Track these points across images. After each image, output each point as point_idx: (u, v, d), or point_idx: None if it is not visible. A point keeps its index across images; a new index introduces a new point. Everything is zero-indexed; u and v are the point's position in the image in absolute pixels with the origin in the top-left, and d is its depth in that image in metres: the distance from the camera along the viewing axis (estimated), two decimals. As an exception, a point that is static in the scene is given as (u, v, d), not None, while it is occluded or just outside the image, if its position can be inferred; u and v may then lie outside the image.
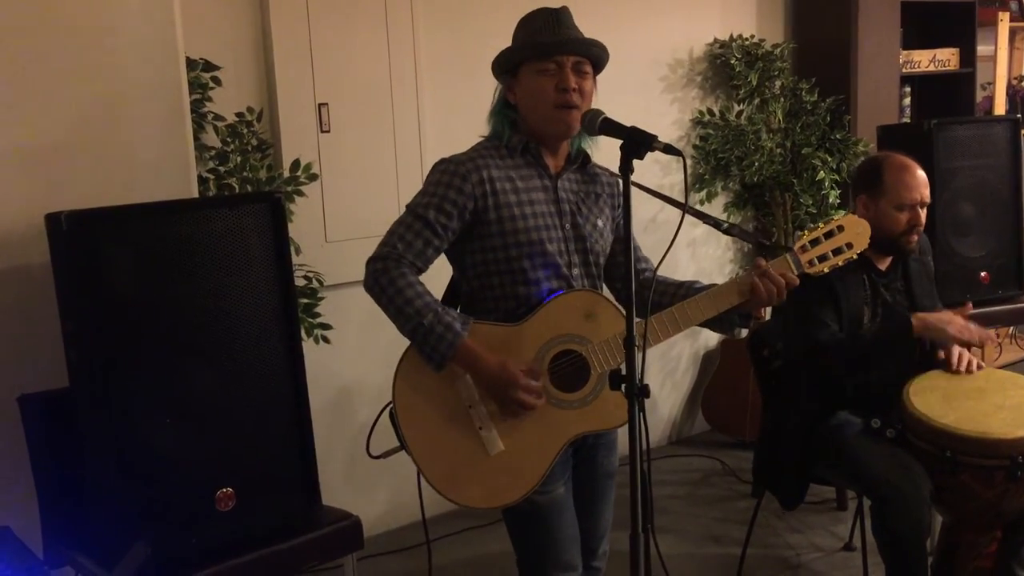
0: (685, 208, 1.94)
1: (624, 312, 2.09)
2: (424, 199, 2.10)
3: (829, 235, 2.22)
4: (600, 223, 2.23)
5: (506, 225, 2.10)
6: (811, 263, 2.20)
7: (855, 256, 2.24)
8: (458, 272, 2.24)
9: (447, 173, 2.11)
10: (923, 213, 2.79)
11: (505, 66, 2.17)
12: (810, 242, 2.21)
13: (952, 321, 2.67)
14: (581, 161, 2.24)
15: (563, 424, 2.11)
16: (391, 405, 2.09)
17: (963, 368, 2.73)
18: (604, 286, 2.29)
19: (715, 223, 2.30)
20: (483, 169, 2.11)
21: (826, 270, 2.22)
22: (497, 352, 2.07)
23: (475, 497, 2.10)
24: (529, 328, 2.10)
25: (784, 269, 2.16)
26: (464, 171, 2.10)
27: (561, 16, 2.13)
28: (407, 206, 2.13)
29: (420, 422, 2.08)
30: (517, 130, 2.17)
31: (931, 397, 2.61)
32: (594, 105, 2.12)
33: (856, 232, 2.24)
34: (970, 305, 2.77)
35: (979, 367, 2.75)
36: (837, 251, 2.22)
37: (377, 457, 2.18)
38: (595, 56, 2.14)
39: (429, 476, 2.08)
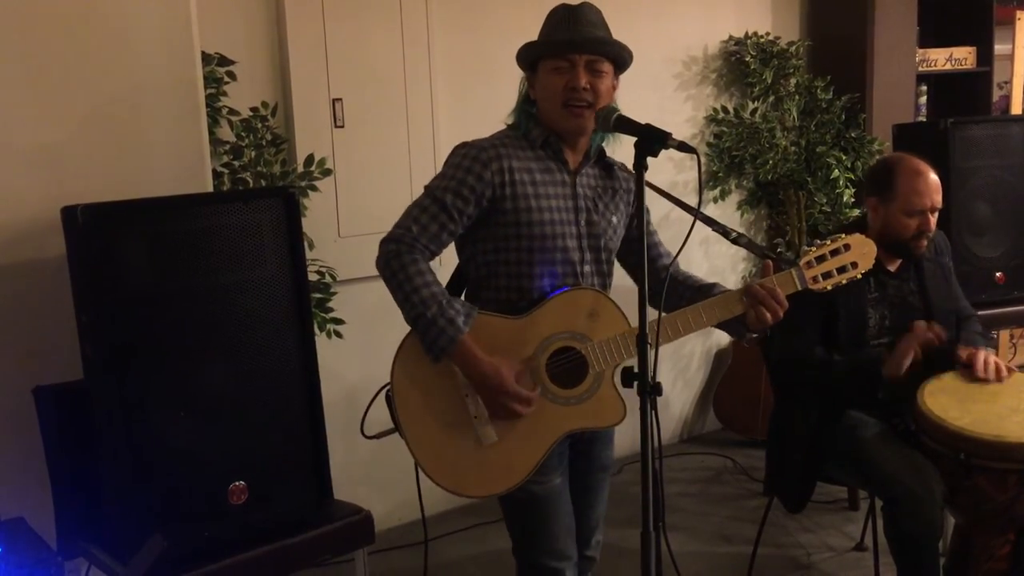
0: (696, 214, 1.93)
1: (625, 315, 2.10)
2: (443, 182, 2.09)
3: (835, 253, 2.22)
4: (615, 220, 2.23)
5: (521, 217, 2.10)
6: (815, 279, 2.20)
7: (859, 276, 2.24)
8: (465, 258, 2.23)
9: (468, 158, 2.10)
10: (934, 218, 2.76)
11: (526, 61, 2.17)
12: (816, 258, 2.20)
13: (900, 343, 2.66)
14: (598, 157, 2.23)
15: (557, 419, 2.12)
16: (388, 387, 2.11)
17: (990, 375, 2.66)
18: (612, 283, 2.29)
19: (724, 232, 2.29)
20: (504, 158, 2.10)
21: (829, 287, 2.22)
22: (497, 344, 2.07)
23: (465, 485, 2.11)
24: (532, 322, 2.11)
25: (788, 284, 2.16)
26: (485, 158, 2.09)
27: (579, 13, 2.11)
28: (425, 187, 2.12)
29: (416, 407, 2.10)
30: (537, 124, 2.17)
31: (946, 399, 2.60)
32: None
33: (862, 252, 2.24)
34: (921, 323, 2.73)
35: (1008, 371, 2.68)
36: (842, 269, 2.22)
37: (371, 438, 2.19)
38: (612, 55, 2.12)
39: (421, 461, 2.09)
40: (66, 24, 2.41)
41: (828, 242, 2.22)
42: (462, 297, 2.23)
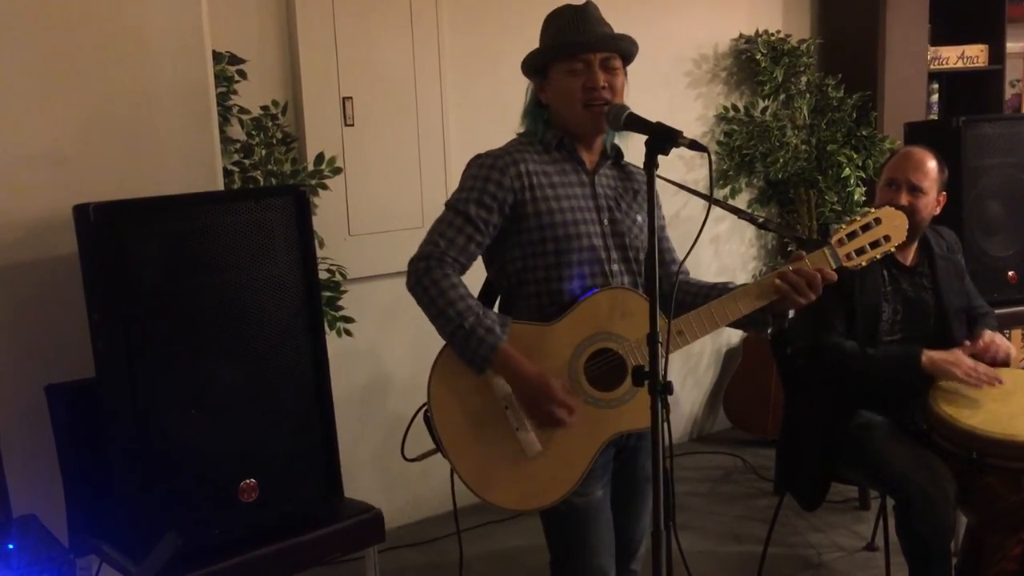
0: (722, 204, 1.92)
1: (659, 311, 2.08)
2: (463, 194, 2.07)
3: (866, 228, 2.16)
4: (640, 219, 2.20)
5: (544, 219, 2.08)
6: (849, 256, 2.14)
7: (893, 248, 2.19)
8: (494, 270, 2.21)
9: (484, 167, 2.08)
10: (910, 197, 2.73)
11: (534, 67, 2.16)
12: (847, 235, 2.15)
13: (960, 363, 2.63)
14: (615, 158, 2.22)
15: (601, 424, 2.07)
16: (426, 407, 2.07)
17: (997, 353, 2.69)
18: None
19: (750, 218, 2.27)
20: (520, 163, 2.08)
21: (864, 263, 2.16)
22: (533, 351, 2.03)
23: (512, 499, 2.06)
24: (565, 327, 2.07)
25: (822, 263, 2.11)
26: (502, 164, 2.07)
27: (586, 12, 2.11)
28: (446, 204, 2.10)
29: (456, 424, 2.04)
30: (550, 127, 2.16)
31: (958, 398, 2.59)
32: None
33: (894, 224, 2.18)
34: (968, 344, 2.71)
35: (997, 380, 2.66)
36: (875, 244, 2.17)
37: (412, 460, 2.15)
38: (623, 50, 2.12)
39: (466, 478, 2.04)
40: (78, 24, 2.41)
41: (858, 218, 2.17)
42: (495, 310, 2.19)
